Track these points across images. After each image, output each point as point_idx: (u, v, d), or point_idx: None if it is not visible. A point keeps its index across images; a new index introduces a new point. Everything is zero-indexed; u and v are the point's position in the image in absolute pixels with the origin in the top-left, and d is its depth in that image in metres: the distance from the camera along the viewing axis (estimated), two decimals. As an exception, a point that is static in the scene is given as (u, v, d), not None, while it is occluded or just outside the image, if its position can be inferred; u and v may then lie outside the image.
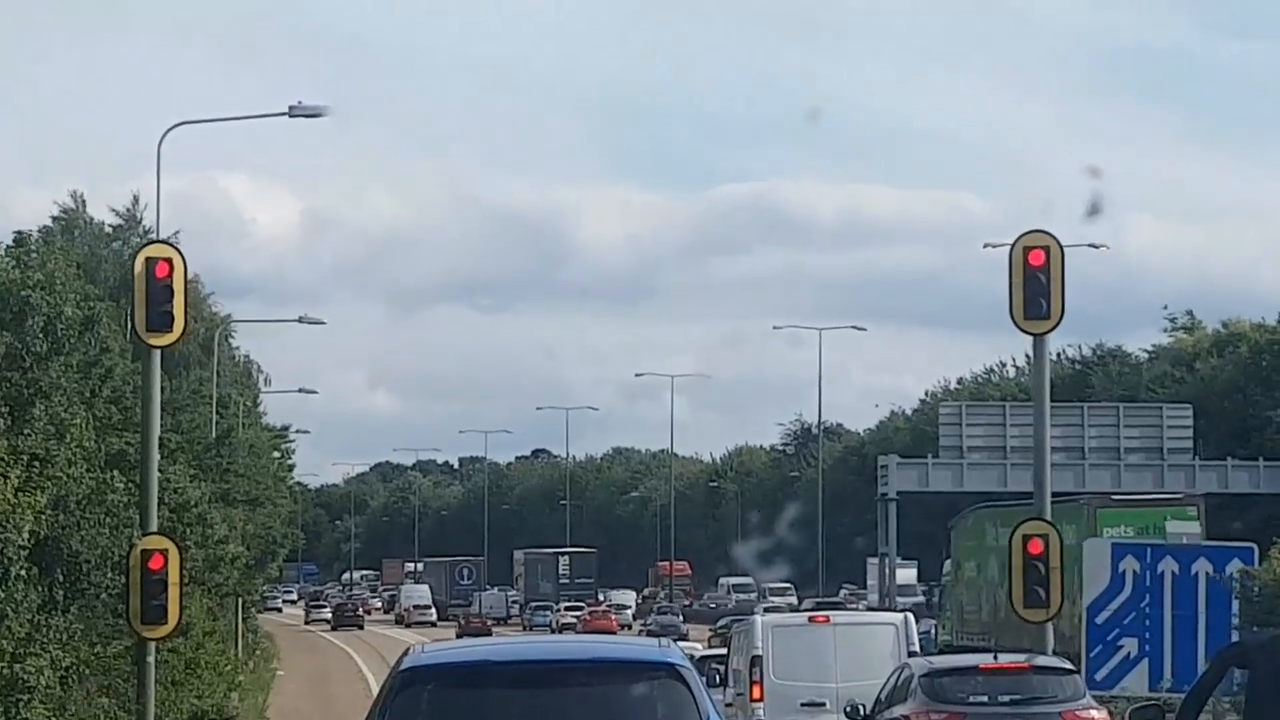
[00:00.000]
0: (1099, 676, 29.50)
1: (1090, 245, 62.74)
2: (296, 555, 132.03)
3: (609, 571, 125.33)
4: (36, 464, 23.43)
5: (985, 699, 21.70)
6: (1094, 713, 21.82)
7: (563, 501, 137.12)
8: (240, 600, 57.94)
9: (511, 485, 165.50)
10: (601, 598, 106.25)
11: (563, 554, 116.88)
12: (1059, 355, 76.39)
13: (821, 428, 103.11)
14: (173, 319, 26.37)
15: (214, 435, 42.14)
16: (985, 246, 73.72)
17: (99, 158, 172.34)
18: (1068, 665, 24.06)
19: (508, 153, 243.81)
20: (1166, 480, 73.30)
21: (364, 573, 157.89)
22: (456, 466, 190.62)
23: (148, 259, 26.47)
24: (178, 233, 61.12)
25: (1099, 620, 29.13)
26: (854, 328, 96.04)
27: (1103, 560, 29.31)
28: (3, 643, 21.46)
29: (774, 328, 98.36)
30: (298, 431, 76.36)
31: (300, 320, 59.53)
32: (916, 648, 27.66)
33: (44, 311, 24.07)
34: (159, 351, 27.24)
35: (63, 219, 59.68)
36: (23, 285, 24.36)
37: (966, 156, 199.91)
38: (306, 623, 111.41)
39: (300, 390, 74.65)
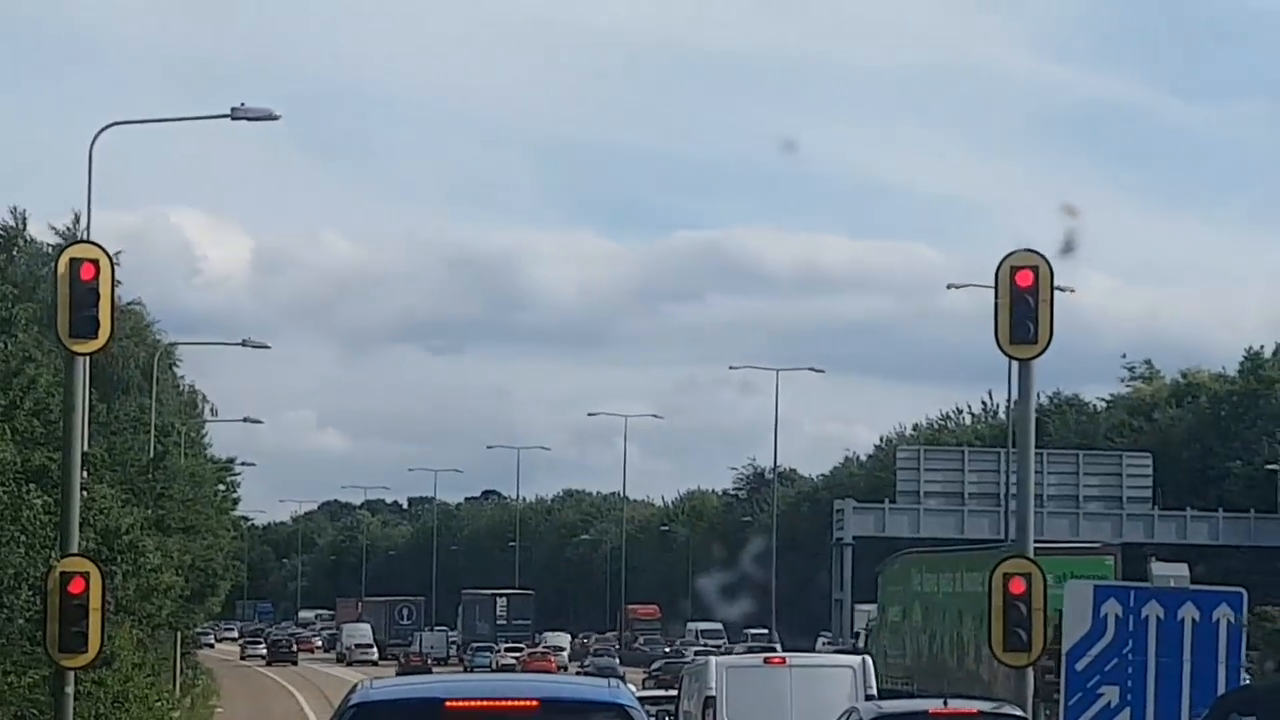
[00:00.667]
0: (1077, 726, 27.46)
1: (1057, 289, 61.12)
2: (243, 592, 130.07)
3: (559, 613, 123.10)
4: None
5: None
6: None
7: (512, 543, 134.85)
8: (179, 634, 55.73)
9: (461, 526, 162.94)
10: (537, 639, 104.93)
11: (500, 595, 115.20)
12: (1016, 402, 74.66)
13: (776, 470, 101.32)
14: (98, 324, 24.25)
15: (149, 457, 40.01)
16: (949, 287, 72.93)
17: (41, 180, 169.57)
18: (1019, 712, 22.75)
19: (464, 197, 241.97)
20: (1125, 529, 71.99)
21: (319, 611, 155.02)
22: (405, 506, 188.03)
23: (72, 260, 24.38)
24: (120, 252, 59.26)
25: (1079, 667, 27.12)
26: (811, 369, 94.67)
27: (1084, 604, 27.30)
28: None
29: (730, 368, 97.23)
30: (243, 464, 73.84)
31: (244, 344, 57.31)
32: (874, 691, 26.02)
33: (-47, 310, 22.02)
34: (83, 359, 25.23)
35: (1, 236, 57.48)
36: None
37: (922, 209, 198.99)
38: (242, 658, 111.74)
39: (246, 420, 72.46)
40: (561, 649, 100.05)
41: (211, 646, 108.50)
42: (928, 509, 74.29)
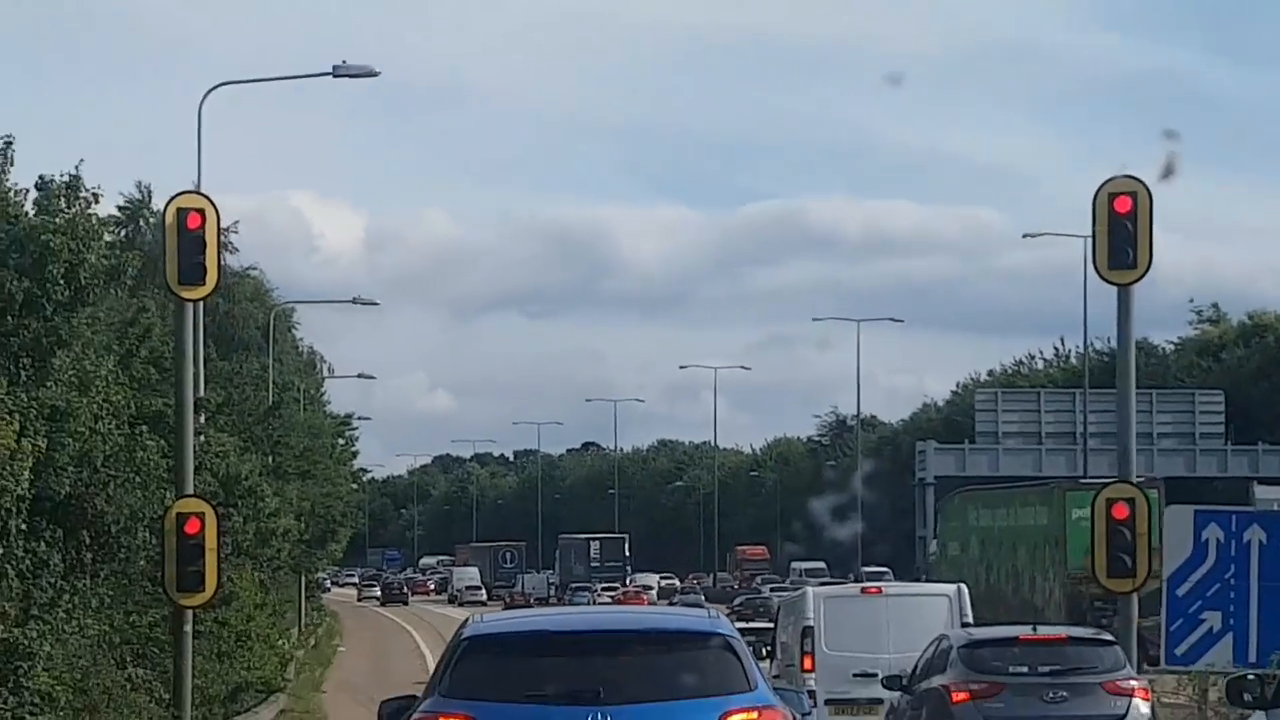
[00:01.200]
0: (1179, 652, 25.58)
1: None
2: (365, 540, 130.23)
3: (655, 556, 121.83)
4: (58, 417, 20.10)
5: (1025, 669, 19.14)
6: (1134, 683, 19.25)
7: (610, 490, 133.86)
8: (303, 577, 54.88)
9: (563, 476, 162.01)
10: (629, 580, 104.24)
11: (594, 539, 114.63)
12: (1089, 346, 72.45)
13: (859, 415, 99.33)
14: (205, 271, 23.07)
15: (268, 404, 38.85)
16: (1025, 236, 70.74)
17: (166, 158, 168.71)
18: (1107, 637, 21.32)
19: (554, 177, 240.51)
20: (1199, 464, 69.76)
21: (440, 557, 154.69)
22: (511, 459, 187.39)
23: (179, 209, 23.17)
24: (237, 222, 58.32)
25: (1180, 593, 25.13)
26: (891, 319, 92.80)
27: (1185, 529, 25.31)
28: (4, 604, 17.99)
29: (813, 320, 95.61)
30: (360, 419, 72.69)
31: (355, 301, 56.39)
32: (970, 618, 24.41)
33: (65, 258, 20.73)
34: (192, 305, 23.99)
35: (128, 209, 56.47)
36: (43, 230, 20.98)
37: (981, 176, 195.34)
38: (359, 599, 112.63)
39: (360, 375, 71.47)
40: (650, 588, 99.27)
41: (328, 590, 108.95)
42: (1006, 449, 72.28)
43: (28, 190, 21.87)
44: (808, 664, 23.32)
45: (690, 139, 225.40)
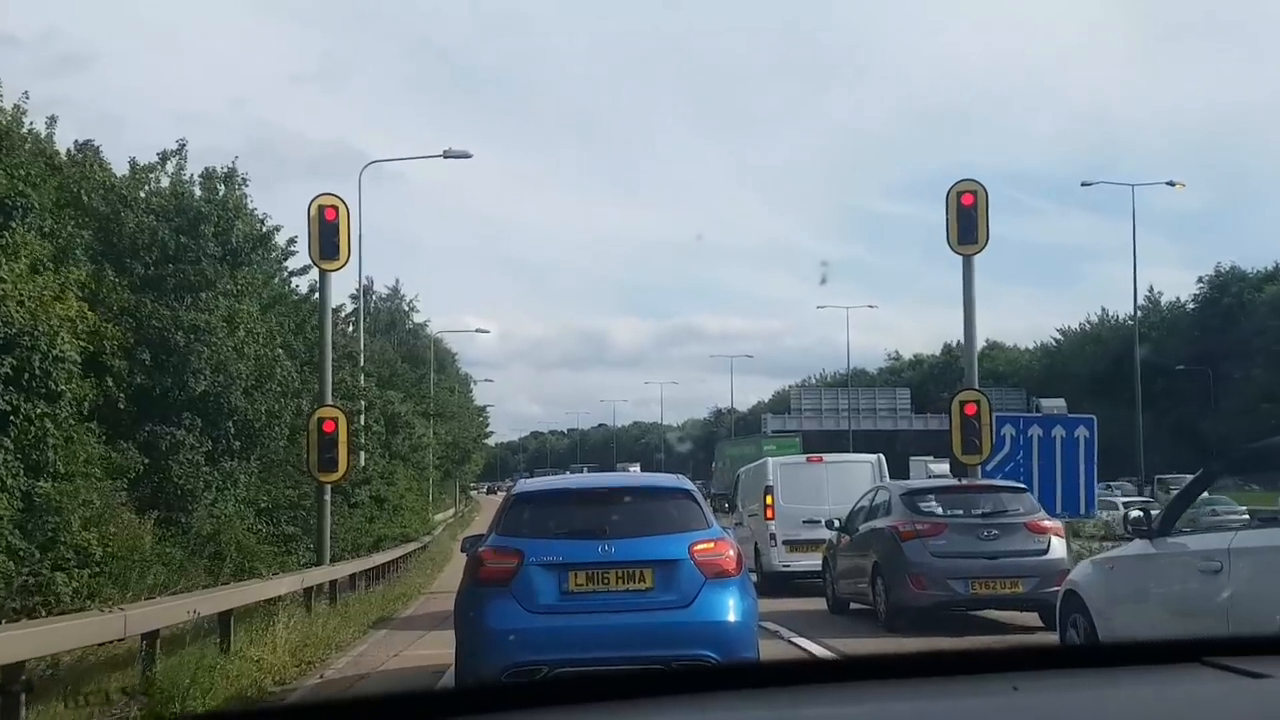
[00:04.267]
0: (989, 506, 17.02)
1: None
2: (498, 468, 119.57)
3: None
4: (195, 333, 11.49)
5: (961, 512, 10.41)
6: (1047, 523, 10.43)
7: (610, 445, 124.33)
8: (456, 481, 45.51)
9: (587, 439, 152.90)
10: None
11: (587, 465, 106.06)
12: (850, 370, 61.93)
13: (732, 406, 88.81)
14: (338, 249, 14.48)
15: (422, 376, 30.36)
16: (819, 308, 61.30)
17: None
18: (1022, 485, 11.87)
19: (582, 304, 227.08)
20: (898, 425, 60.03)
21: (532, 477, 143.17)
22: (565, 432, 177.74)
23: (320, 206, 14.58)
24: (417, 295, 48.81)
25: (989, 468, 16.90)
26: (745, 355, 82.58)
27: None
28: (52, 456, 9.03)
29: (711, 355, 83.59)
30: (489, 406, 63.26)
31: (477, 331, 47.18)
32: (888, 478, 15.42)
33: (214, 222, 12.25)
34: (330, 274, 15.39)
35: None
36: (204, 202, 12.52)
37: (775, 303, 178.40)
38: (481, 493, 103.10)
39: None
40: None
41: (475, 491, 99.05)
42: (805, 415, 62.82)
43: (194, 175, 13.31)
44: (769, 514, 14.55)
45: (650, 293, 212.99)
